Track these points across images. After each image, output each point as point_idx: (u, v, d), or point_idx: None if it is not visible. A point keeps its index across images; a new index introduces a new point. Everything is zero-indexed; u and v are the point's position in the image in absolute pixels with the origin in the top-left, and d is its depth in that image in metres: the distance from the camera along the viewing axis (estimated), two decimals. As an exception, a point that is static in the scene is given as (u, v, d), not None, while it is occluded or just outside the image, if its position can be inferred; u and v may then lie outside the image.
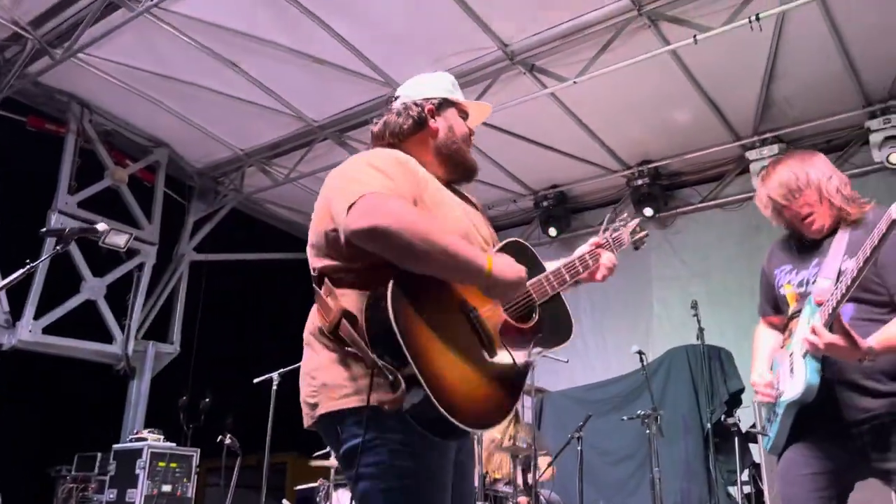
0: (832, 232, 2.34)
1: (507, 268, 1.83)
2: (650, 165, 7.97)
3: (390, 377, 1.63)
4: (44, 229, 7.29)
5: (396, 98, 2.14)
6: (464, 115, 2.18)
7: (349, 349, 1.72)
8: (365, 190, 1.71)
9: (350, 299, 1.75)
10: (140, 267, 8.34)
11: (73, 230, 2.85)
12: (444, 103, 2.12)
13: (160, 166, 8.68)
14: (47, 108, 7.79)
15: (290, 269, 10.43)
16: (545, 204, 8.62)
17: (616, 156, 7.97)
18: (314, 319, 1.85)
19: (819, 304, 2.16)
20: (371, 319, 1.69)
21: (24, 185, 7.66)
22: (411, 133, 2.05)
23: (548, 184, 8.65)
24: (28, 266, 2.87)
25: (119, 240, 7.68)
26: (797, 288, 2.37)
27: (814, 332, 2.08)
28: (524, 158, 8.11)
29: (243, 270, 9.61)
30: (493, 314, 1.87)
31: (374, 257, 1.72)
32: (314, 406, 1.79)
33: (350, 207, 1.68)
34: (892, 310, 2.17)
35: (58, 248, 2.96)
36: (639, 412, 4.82)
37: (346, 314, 1.72)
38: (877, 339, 2.06)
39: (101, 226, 2.94)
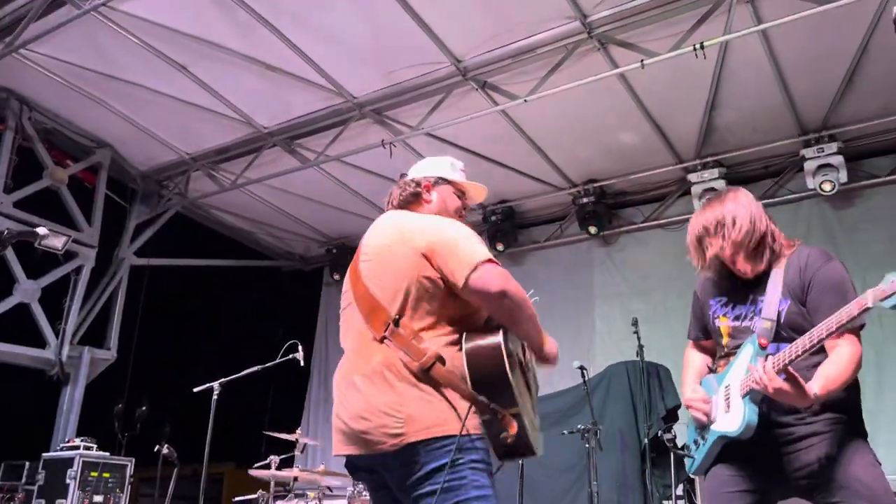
0: (765, 271, 2.41)
1: (554, 345, 2.30)
2: (596, 184, 8.15)
3: (491, 414, 2.03)
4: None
5: (405, 175, 2.54)
6: (460, 192, 2.54)
7: (441, 388, 2.03)
8: (485, 256, 2.11)
9: (438, 343, 2.08)
10: (78, 270, 8.09)
11: (12, 233, 2.76)
12: (440, 181, 2.49)
13: (102, 167, 8.45)
14: (-17, 103, 7.52)
15: (233, 275, 10.30)
16: (493, 219, 8.72)
17: (563, 174, 8.13)
18: (389, 358, 2.07)
19: (763, 347, 2.25)
20: (478, 365, 2.05)
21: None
22: (409, 203, 2.44)
23: (497, 199, 8.75)
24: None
25: (57, 242, 7.44)
26: (733, 322, 2.46)
27: (764, 374, 2.15)
28: (474, 173, 7.90)
29: (185, 276, 9.42)
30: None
31: (470, 309, 2.15)
32: (398, 435, 2.00)
33: (477, 266, 2.07)
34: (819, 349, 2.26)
35: (-5, 250, 2.87)
36: (579, 426, 4.91)
37: (440, 358, 2.04)
38: (819, 384, 2.14)
39: (42, 230, 2.86)
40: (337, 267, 9.94)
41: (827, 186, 6.89)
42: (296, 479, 5.09)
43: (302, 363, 4.76)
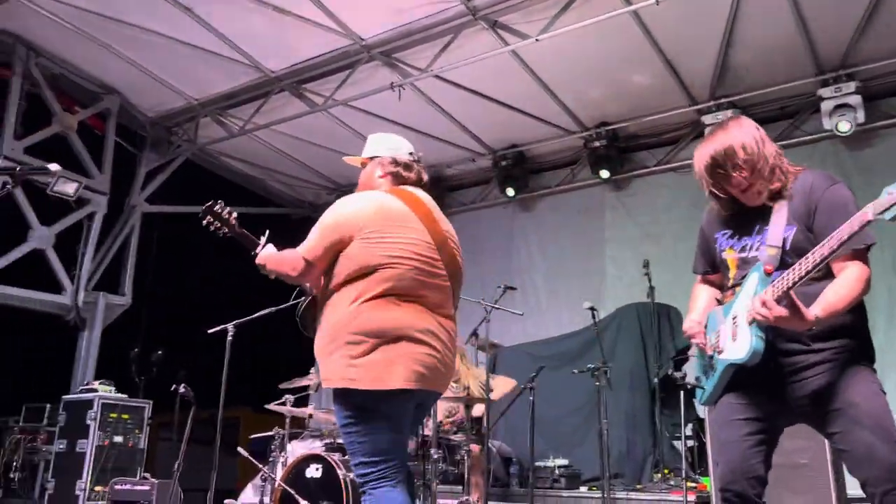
0: (770, 198, 2.38)
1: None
2: (608, 128, 8.05)
3: None
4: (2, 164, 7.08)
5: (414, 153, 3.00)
6: None
7: None
8: None
9: None
10: (90, 217, 8.14)
11: (24, 169, 2.78)
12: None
13: (111, 114, 8.42)
14: (-10, 48, 7.47)
15: (243, 222, 10.30)
16: (504, 164, 8.66)
17: (575, 117, 8.02)
18: (455, 326, 2.72)
19: (768, 274, 2.24)
20: None
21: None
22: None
23: (507, 143, 8.68)
24: (-24, 205, 2.80)
25: (68, 188, 7.46)
26: (739, 253, 2.44)
27: (764, 304, 2.15)
28: (484, 117, 8.11)
29: (197, 222, 9.43)
30: None
31: None
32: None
33: None
34: (826, 273, 2.25)
35: (8, 186, 2.88)
36: (588, 366, 4.96)
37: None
38: (821, 307, 2.14)
39: (54, 166, 2.86)
40: (347, 214, 9.93)
41: (844, 127, 6.77)
42: (310, 416, 5.18)
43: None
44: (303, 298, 2.81)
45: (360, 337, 2.43)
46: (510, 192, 8.65)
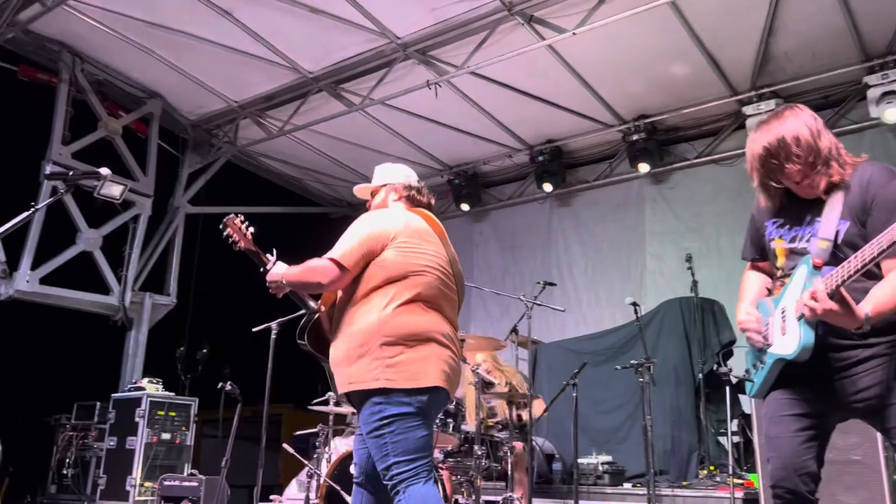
0: (827, 190, 2.31)
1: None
2: (647, 120, 7.96)
3: None
4: (48, 171, 7.27)
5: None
6: None
7: None
8: None
9: None
10: (135, 219, 8.32)
11: (77, 173, 2.86)
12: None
13: (154, 118, 8.60)
14: (38, 57, 7.67)
15: (283, 221, 10.43)
16: (541, 159, 8.61)
17: (613, 110, 7.94)
18: None
19: (817, 267, 2.18)
20: None
21: (15, 135, 7.58)
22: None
23: (543, 138, 8.63)
24: (32, 209, 2.89)
25: (114, 191, 7.56)
26: (788, 244, 2.37)
27: (814, 297, 2.09)
28: (520, 112, 8.08)
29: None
30: None
31: None
32: None
33: None
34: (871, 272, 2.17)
35: (61, 191, 2.97)
36: (632, 361, 4.91)
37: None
38: (871, 305, 2.07)
39: (105, 170, 2.93)
40: (385, 212, 9.99)
41: (891, 115, 6.59)
42: (354, 413, 5.23)
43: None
44: (308, 314, 2.93)
45: (394, 339, 2.54)
46: (547, 187, 8.60)
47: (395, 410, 2.51)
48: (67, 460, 7.68)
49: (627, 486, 5.63)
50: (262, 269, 2.91)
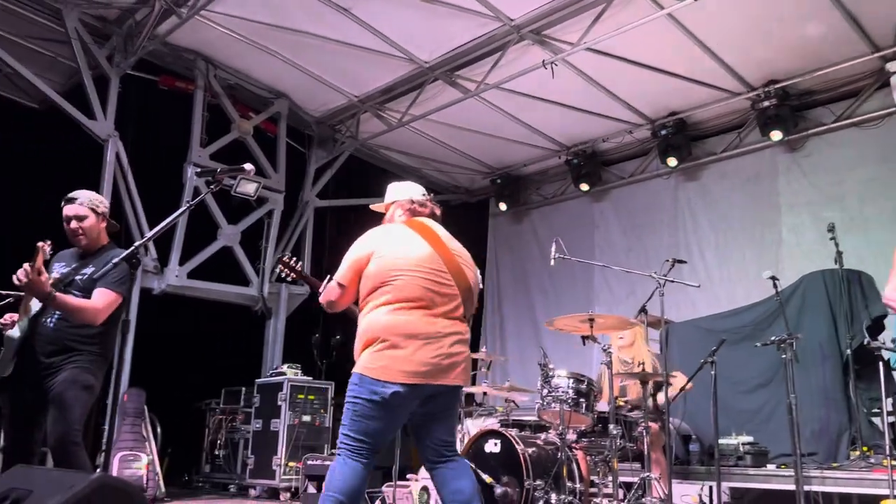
0: None
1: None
2: (777, 85, 7.51)
3: None
4: (197, 171, 7.80)
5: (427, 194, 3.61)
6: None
7: None
8: None
9: None
10: (269, 214, 8.80)
11: (224, 169, 3.06)
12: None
13: (281, 117, 9.04)
14: (176, 66, 8.23)
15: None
16: (664, 133, 8.33)
17: (740, 77, 7.56)
18: (465, 329, 3.21)
19: None
20: None
21: (159, 142, 8.19)
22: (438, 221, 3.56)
23: (665, 111, 8.35)
24: (186, 205, 3.14)
25: (249, 188, 8.13)
26: None
27: None
28: (640, 86, 7.85)
29: (364, 214, 9.88)
30: None
31: None
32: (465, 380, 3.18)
33: None
34: None
35: (211, 187, 3.19)
36: (773, 338, 4.68)
37: None
38: None
39: (248, 166, 3.12)
40: (502, 197, 10.03)
41: None
42: (485, 394, 5.31)
43: (481, 286, 4.91)
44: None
45: (375, 336, 3.02)
46: (672, 162, 8.32)
47: (363, 395, 2.97)
48: (219, 442, 8.26)
49: (771, 467, 5.39)
50: (317, 293, 3.35)
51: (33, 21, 7.28)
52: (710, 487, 5.30)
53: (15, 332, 3.39)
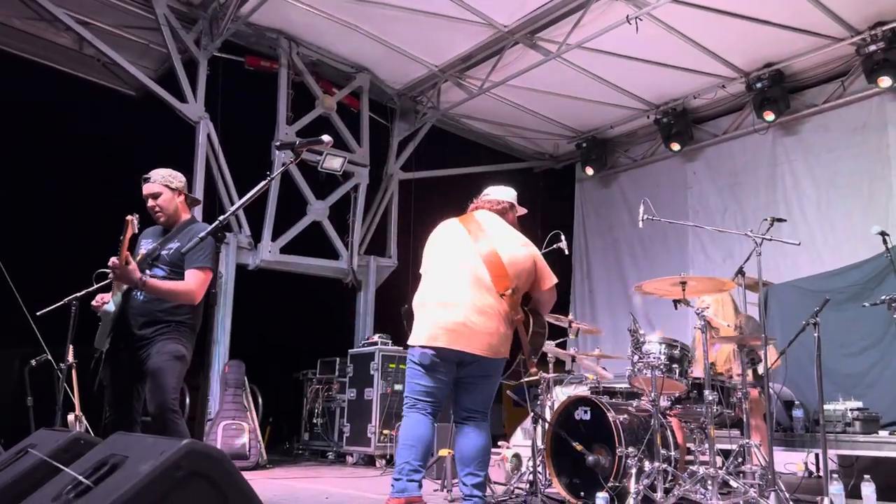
0: None
1: None
2: (886, 27, 6.95)
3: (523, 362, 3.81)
4: (277, 142, 8.04)
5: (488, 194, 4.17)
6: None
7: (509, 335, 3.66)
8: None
9: (519, 313, 3.68)
10: (356, 188, 8.92)
11: (303, 141, 3.07)
12: (513, 206, 4.12)
13: (363, 91, 9.10)
14: (260, 46, 8.40)
15: (489, 180, 10.58)
16: (759, 86, 7.88)
17: (842, 21, 7.04)
18: (498, 303, 3.57)
19: None
20: (535, 338, 3.81)
21: (247, 122, 8.41)
22: (503, 213, 4.04)
23: (761, 63, 7.88)
24: (268, 178, 3.17)
25: (335, 163, 8.26)
26: None
27: None
28: (732, 37, 7.44)
29: (448, 185, 9.89)
30: None
31: (528, 302, 3.85)
32: (499, 350, 3.59)
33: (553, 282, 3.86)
34: None
35: (292, 159, 3.23)
36: (883, 297, 4.39)
37: (524, 322, 3.71)
38: None
39: (326, 137, 3.13)
40: (589, 161, 9.80)
41: None
42: (573, 359, 5.24)
43: (566, 251, 4.82)
44: None
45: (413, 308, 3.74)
46: (769, 116, 7.88)
47: (410, 359, 3.64)
48: (316, 411, 8.54)
49: (884, 433, 5.09)
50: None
51: (126, 10, 7.59)
52: (817, 455, 5.06)
53: (110, 308, 3.56)
